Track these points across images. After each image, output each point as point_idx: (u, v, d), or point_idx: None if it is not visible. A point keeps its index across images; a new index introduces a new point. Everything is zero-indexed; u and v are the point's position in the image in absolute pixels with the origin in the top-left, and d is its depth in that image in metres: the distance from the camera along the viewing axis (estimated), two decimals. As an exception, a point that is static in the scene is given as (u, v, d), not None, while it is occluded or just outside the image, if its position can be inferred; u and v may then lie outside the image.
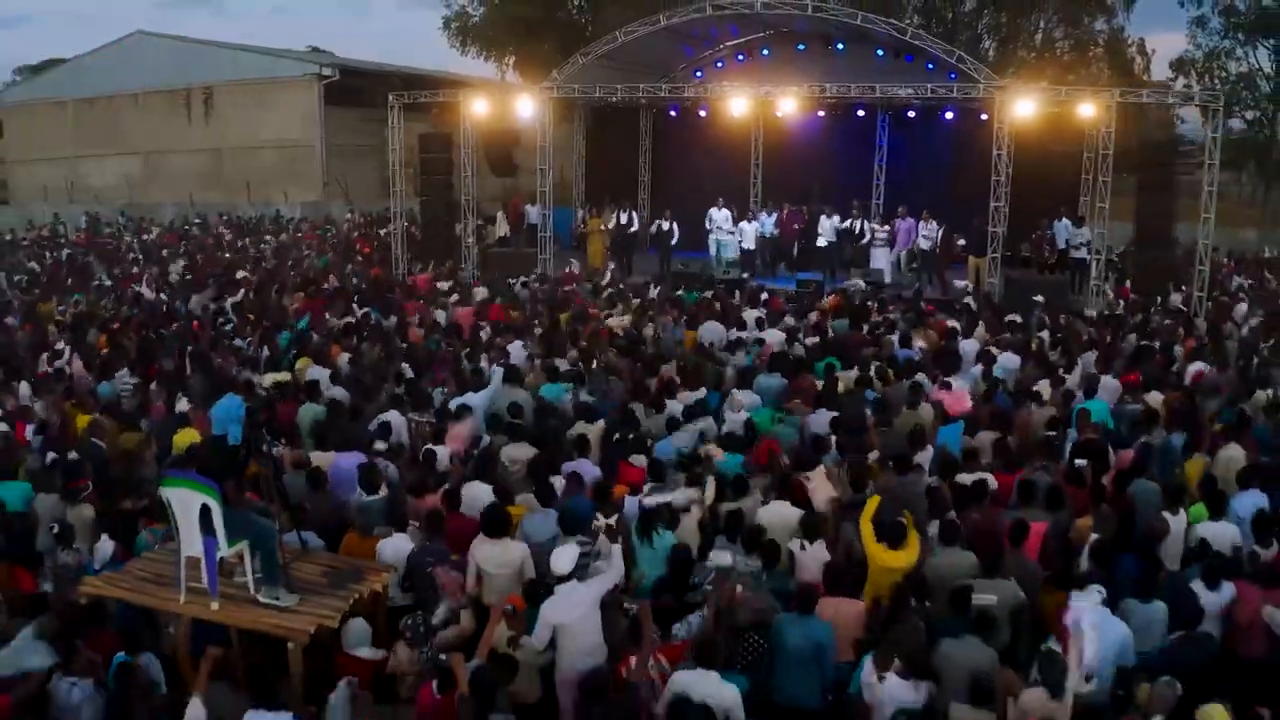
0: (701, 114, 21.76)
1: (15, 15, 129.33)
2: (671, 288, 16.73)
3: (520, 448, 8.10)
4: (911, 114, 20.76)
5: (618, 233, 20.02)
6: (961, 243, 18.28)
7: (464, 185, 20.52)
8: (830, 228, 19.15)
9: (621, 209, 20.37)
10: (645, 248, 20.31)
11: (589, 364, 10.86)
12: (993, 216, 17.03)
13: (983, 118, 18.24)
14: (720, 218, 19.63)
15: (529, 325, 13.46)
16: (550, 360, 10.88)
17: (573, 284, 17.49)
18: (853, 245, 19.26)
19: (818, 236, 19.26)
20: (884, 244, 18.80)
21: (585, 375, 10.43)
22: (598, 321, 13.66)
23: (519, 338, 12.28)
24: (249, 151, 33.75)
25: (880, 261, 18.61)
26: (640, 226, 20.73)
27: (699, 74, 22.33)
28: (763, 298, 15.48)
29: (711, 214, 19.68)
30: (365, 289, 17.06)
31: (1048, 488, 7.31)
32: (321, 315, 14.04)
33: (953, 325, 13.23)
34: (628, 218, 20.21)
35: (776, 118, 20.72)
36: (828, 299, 15.91)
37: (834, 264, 19.13)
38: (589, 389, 10.02)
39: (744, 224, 19.66)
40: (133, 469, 8.34)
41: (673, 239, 19.61)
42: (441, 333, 13.20)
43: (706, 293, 15.92)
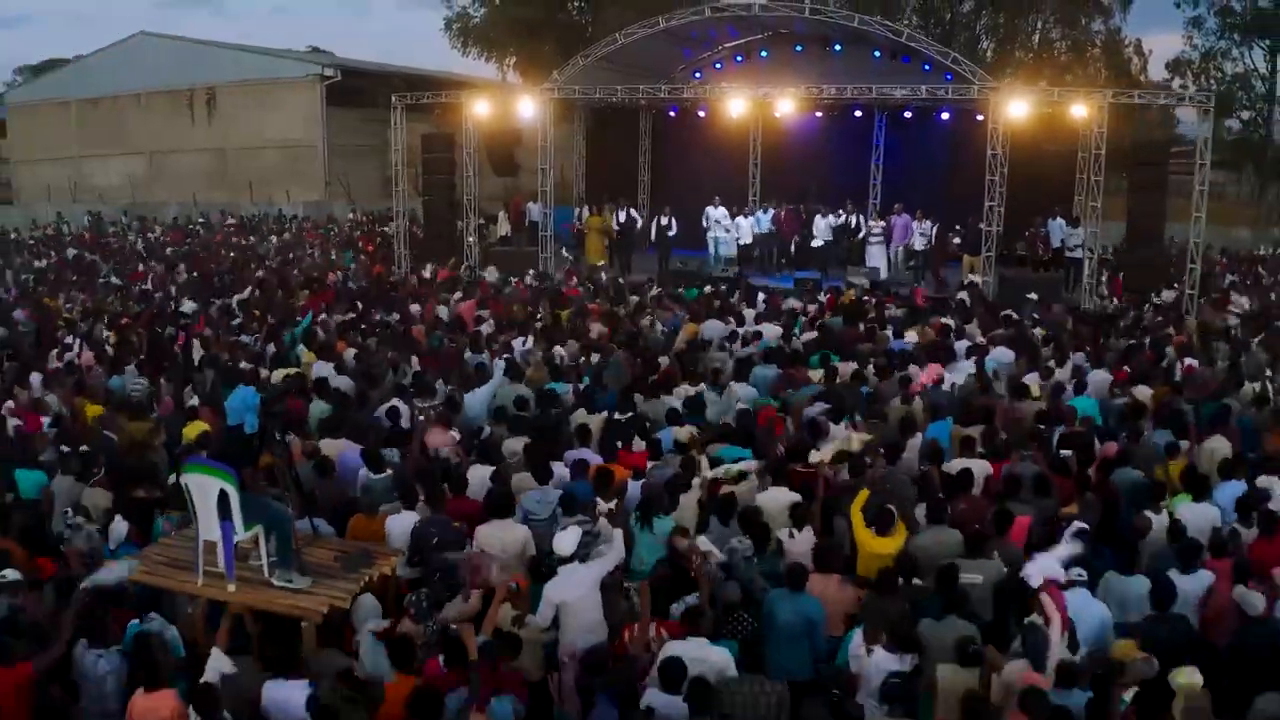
0: (700, 114, 21.91)
1: (15, 15, 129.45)
2: (672, 285, 16.93)
3: (520, 441, 8.24)
4: (908, 115, 20.91)
5: (618, 231, 20.25)
6: (957, 241, 18.52)
7: (466, 185, 20.74)
8: (825, 227, 19.35)
9: (621, 207, 20.61)
10: (645, 246, 20.51)
11: (588, 355, 11.10)
12: (987, 215, 17.25)
13: (978, 118, 18.34)
14: (717, 215, 19.84)
15: (531, 321, 13.70)
16: (551, 355, 11.12)
17: (573, 281, 17.73)
18: (849, 241, 19.49)
19: (813, 238, 19.46)
20: (880, 241, 19.02)
21: (588, 365, 10.66)
22: (598, 319, 13.89)
23: (521, 334, 12.52)
24: (252, 151, 33.94)
25: (876, 259, 18.84)
26: (640, 223, 20.94)
27: (698, 75, 22.51)
28: (760, 297, 15.70)
29: (709, 211, 19.88)
30: (368, 287, 17.30)
31: (1034, 476, 7.52)
32: (322, 311, 14.27)
33: (946, 322, 13.47)
34: (627, 216, 20.45)
35: (774, 118, 20.85)
36: (824, 296, 16.14)
37: (831, 262, 19.33)
38: (597, 371, 10.24)
39: (740, 220, 19.88)
40: (144, 457, 8.57)
41: (670, 232, 19.81)
42: (444, 328, 13.45)
43: (706, 289, 16.15)
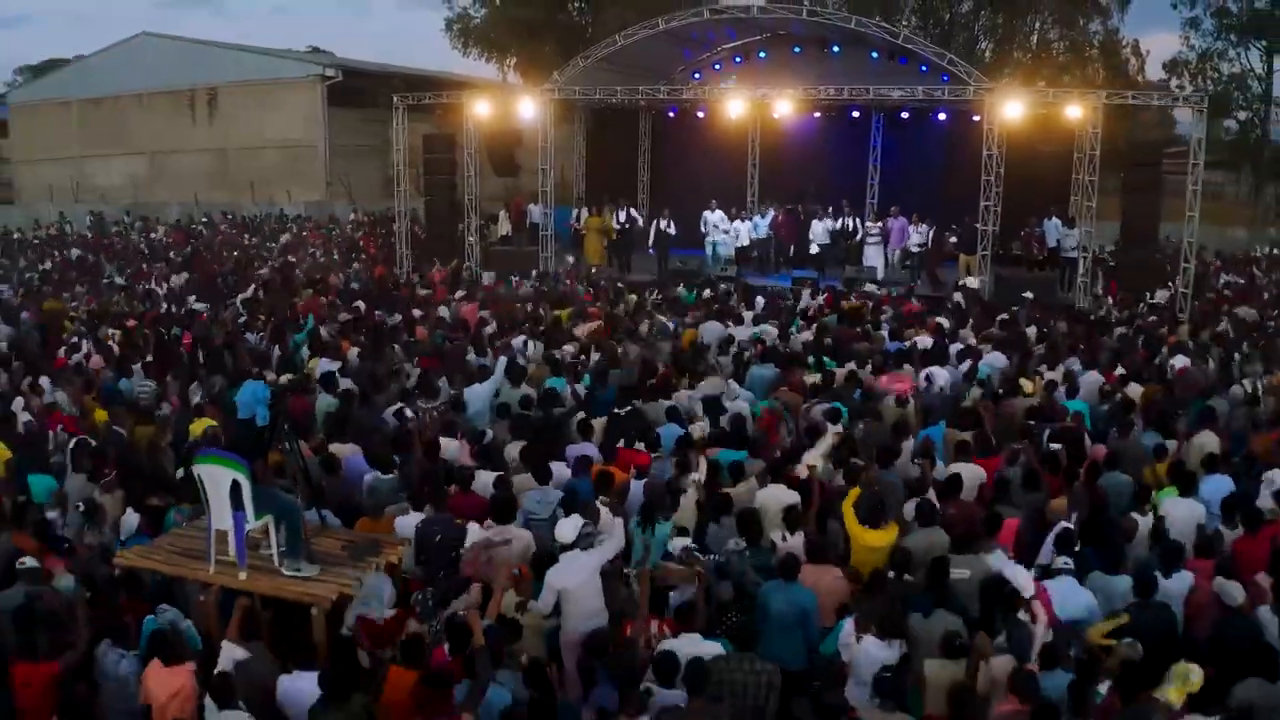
0: (700, 115, 22.08)
1: (15, 15, 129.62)
2: (671, 285, 17.11)
3: (520, 446, 8.39)
4: (905, 115, 21.08)
5: (619, 231, 20.42)
6: (953, 241, 18.70)
7: (467, 185, 20.91)
8: (823, 231, 19.52)
9: (621, 208, 20.79)
10: (645, 246, 20.72)
11: (589, 354, 11.29)
12: (983, 215, 17.44)
13: (974, 119, 18.51)
14: (715, 219, 20.01)
15: (532, 319, 13.88)
16: (551, 353, 11.31)
17: (574, 281, 17.91)
18: (846, 242, 19.68)
19: (810, 242, 19.63)
20: (877, 242, 19.21)
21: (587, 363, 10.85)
22: (598, 320, 14.07)
23: (522, 334, 12.70)
24: (253, 152, 34.05)
25: (873, 259, 19.04)
26: (640, 223, 21.11)
27: (697, 76, 22.67)
28: (758, 298, 15.87)
29: (706, 216, 20.04)
30: (371, 288, 17.48)
31: (1025, 470, 7.70)
32: (325, 311, 14.45)
33: (941, 322, 13.65)
34: (627, 216, 20.63)
35: (773, 119, 21.02)
36: (822, 296, 16.32)
37: (828, 262, 19.51)
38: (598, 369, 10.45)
39: (737, 224, 20.07)
40: (157, 458, 8.74)
41: (670, 235, 19.96)
42: (446, 328, 13.63)
43: (705, 292, 16.34)
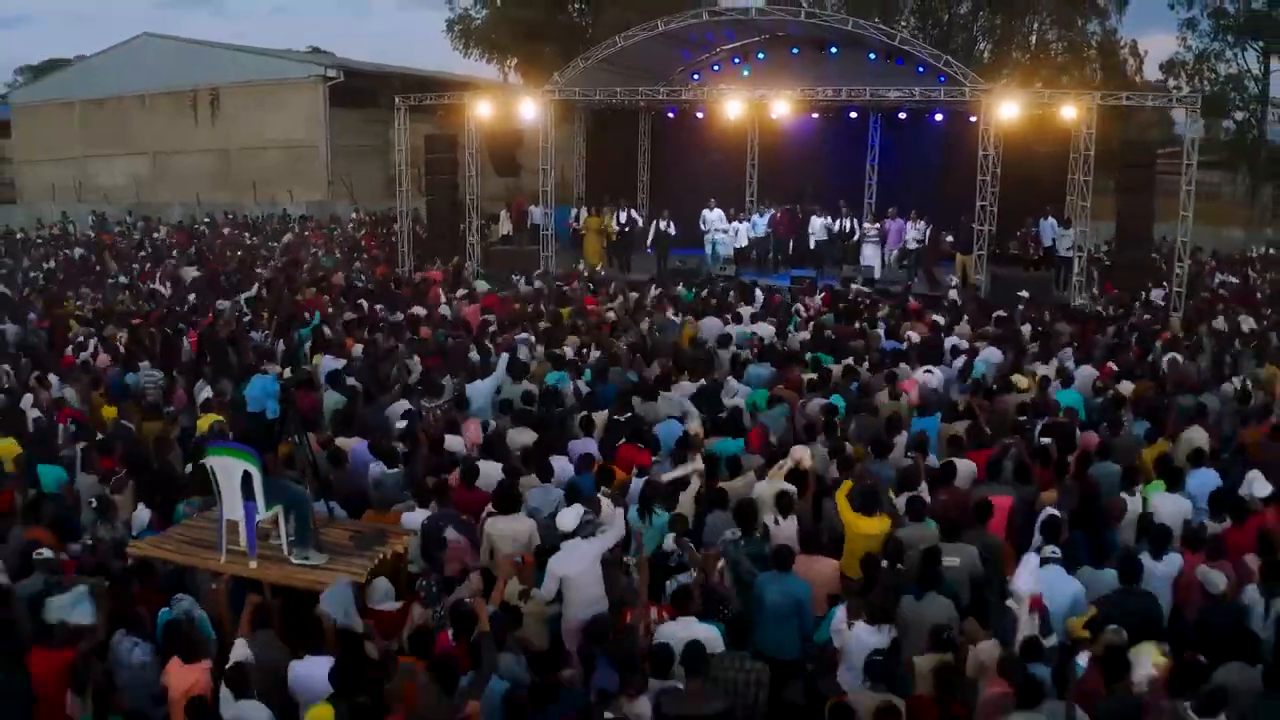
0: (699, 116, 22.22)
1: (15, 15, 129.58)
2: (671, 284, 17.28)
3: (523, 433, 8.62)
4: (902, 116, 21.22)
5: (619, 232, 20.59)
6: (950, 240, 18.87)
7: (468, 185, 21.08)
8: (821, 226, 19.69)
9: (621, 208, 20.95)
10: (644, 246, 20.89)
11: (588, 351, 11.47)
12: (979, 215, 17.61)
13: (971, 120, 18.66)
14: (714, 218, 20.17)
15: (533, 318, 14.06)
16: (552, 350, 11.49)
17: (575, 280, 18.08)
18: (844, 243, 19.85)
19: (809, 236, 19.81)
20: (875, 241, 19.38)
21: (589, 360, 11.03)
22: (598, 316, 14.25)
23: (524, 331, 12.88)
24: (255, 152, 34.20)
25: (870, 258, 19.21)
26: (640, 223, 21.27)
27: (696, 77, 22.79)
28: (757, 294, 16.05)
29: (705, 215, 20.16)
30: (373, 286, 17.66)
31: (1016, 463, 7.88)
32: (329, 310, 14.62)
33: (937, 319, 13.83)
34: (628, 216, 20.80)
35: (771, 120, 21.14)
36: (819, 295, 16.49)
37: (826, 261, 19.67)
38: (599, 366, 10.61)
39: (736, 224, 20.24)
40: (165, 454, 8.91)
41: (670, 235, 20.12)
42: (449, 326, 13.81)
43: (704, 291, 16.52)
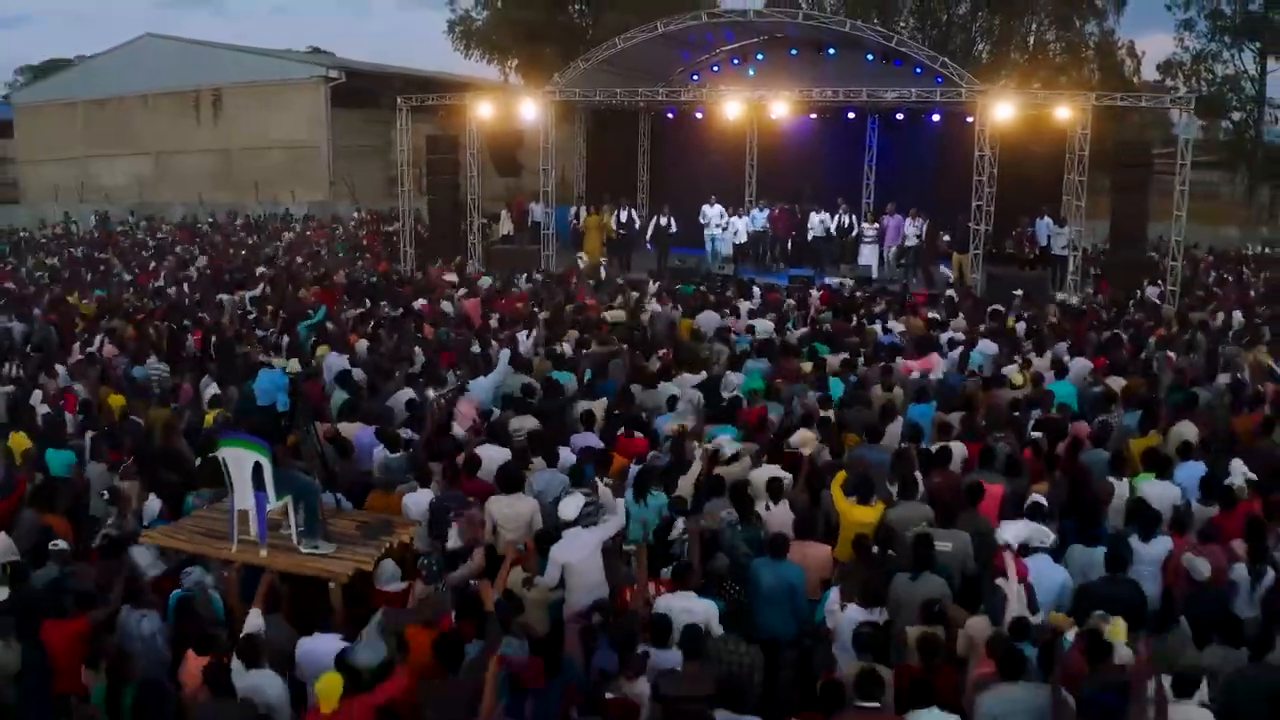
0: (698, 116, 22.40)
1: (15, 15, 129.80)
2: (670, 283, 17.46)
3: (524, 419, 8.80)
4: (900, 116, 21.36)
5: (619, 230, 20.77)
6: (946, 239, 19.04)
7: (469, 185, 21.25)
8: (819, 223, 19.87)
9: (621, 207, 21.13)
10: (644, 244, 21.05)
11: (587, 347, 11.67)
12: (975, 214, 17.79)
13: (968, 120, 18.77)
14: (714, 214, 20.34)
15: (534, 315, 14.23)
16: (552, 347, 11.67)
17: (574, 276, 18.26)
18: (842, 241, 20.03)
19: (809, 232, 19.98)
20: (872, 240, 19.54)
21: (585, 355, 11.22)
22: (597, 314, 14.42)
23: (525, 327, 13.06)
24: (257, 152, 34.41)
25: (868, 257, 19.39)
26: (640, 223, 21.46)
27: (695, 78, 22.96)
28: (755, 292, 16.22)
29: (705, 210, 20.36)
30: (376, 283, 17.85)
31: (1007, 456, 8.05)
32: (334, 306, 14.82)
33: (933, 315, 14.01)
34: (627, 215, 20.98)
35: (770, 120, 21.30)
36: (817, 294, 16.65)
37: (824, 260, 19.82)
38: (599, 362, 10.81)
39: (735, 219, 20.42)
40: (172, 441, 9.09)
41: (670, 232, 20.32)
42: (450, 324, 13.99)
43: (702, 287, 16.69)
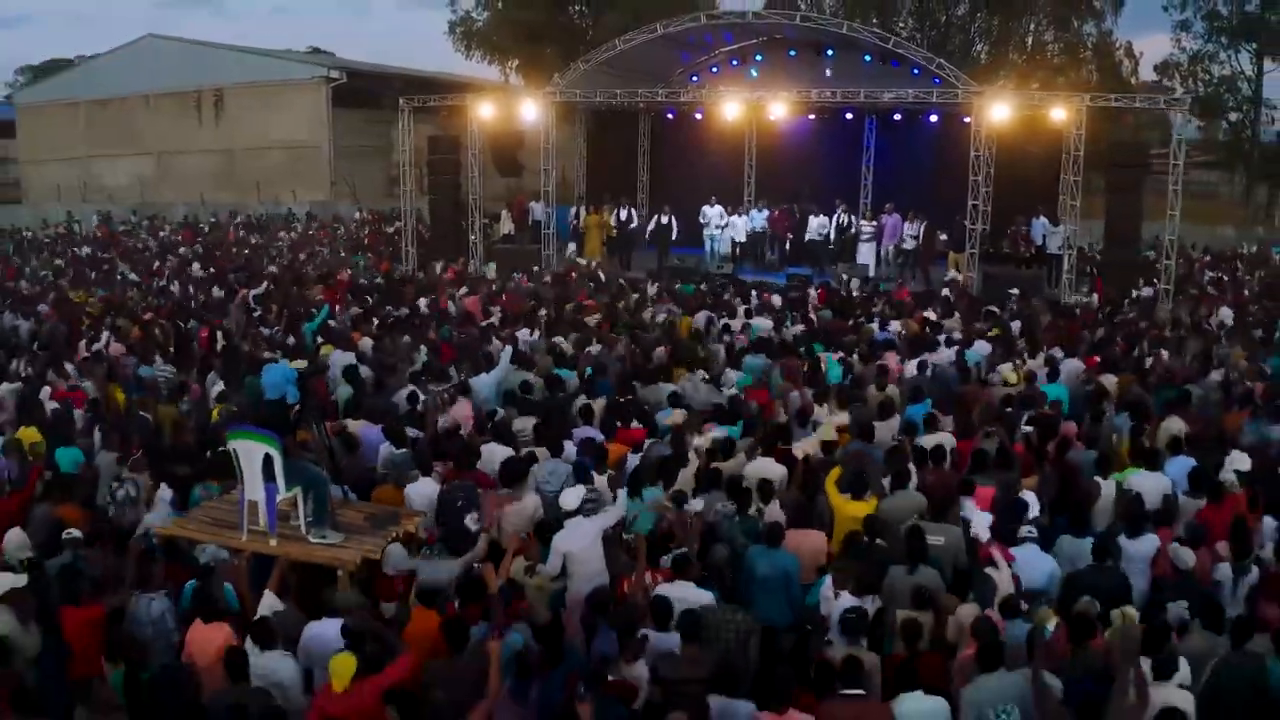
0: (697, 117, 22.53)
1: (15, 15, 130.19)
2: (669, 282, 17.64)
3: (526, 420, 8.96)
4: (897, 117, 21.52)
5: (619, 229, 20.94)
6: (944, 239, 19.21)
7: (470, 185, 21.41)
8: (817, 228, 20.02)
9: (621, 206, 21.30)
10: (644, 244, 21.22)
11: (585, 347, 11.86)
12: (972, 214, 17.97)
13: (965, 121, 18.86)
14: (714, 214, 20.51)
15: (534, 313, 14.41)
16: (553, 346, 11.85)
17: (574, 275, 18.44)
18: (840, 240, 20.20)
19: (806, 233, 20.14)
20: (870, 239, 19.72)
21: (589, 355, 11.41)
22: (598, 313, 14.59)
23: (526, 325, 13.24)
24: (258, 152, 34.57)
25: (866, 256, 19.56)
26: (639, 222, 21.64)
27: (695, 79, 23.06)
28: (753, 292, 16.36)
29: (705, 210, 20.54)
30: (378, 282, 18.04)
31: (998, 448, 8.22)
32: (338, 305, 15.00)
33: (929, 315, 14.18)
34: (627, 215, 21.15)
35: (769, 121, 21.44)
36: (815, 291, 16.82)
37: (823, 259, 19.98)
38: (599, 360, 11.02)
39: (734, 218, 20.59)
40: (181, 436, 9.27)
41: (672, 234, 20.50)
42: (453, 322, 14.17)
43: (702, 286, 16.87)
